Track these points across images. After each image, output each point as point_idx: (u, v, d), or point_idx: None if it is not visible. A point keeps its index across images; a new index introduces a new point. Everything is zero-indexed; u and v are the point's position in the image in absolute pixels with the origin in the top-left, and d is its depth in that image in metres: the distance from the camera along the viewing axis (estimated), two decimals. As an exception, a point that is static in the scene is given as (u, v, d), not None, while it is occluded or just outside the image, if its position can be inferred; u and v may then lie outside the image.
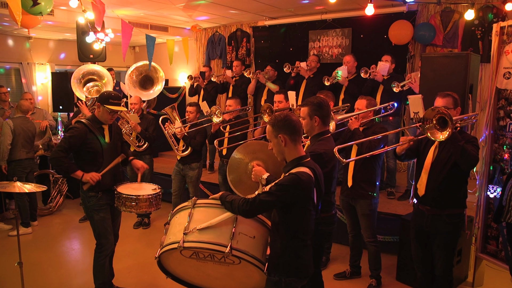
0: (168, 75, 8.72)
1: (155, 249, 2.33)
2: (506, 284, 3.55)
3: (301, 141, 2.20)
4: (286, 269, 2.11)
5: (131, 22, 6.72)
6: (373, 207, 3.49)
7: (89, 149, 3.14)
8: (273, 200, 2.02)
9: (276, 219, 2.13)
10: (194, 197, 2.35)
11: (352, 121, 3.43)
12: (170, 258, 2.27)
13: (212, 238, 2.07)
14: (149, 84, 5.93)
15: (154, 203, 3.25)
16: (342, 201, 3.68)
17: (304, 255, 2.14)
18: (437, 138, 2.49)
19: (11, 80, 8.26)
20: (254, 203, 2.02)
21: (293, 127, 2.13)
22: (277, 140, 2.14)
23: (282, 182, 2.04)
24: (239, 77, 6.27)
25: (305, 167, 2.09)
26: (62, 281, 3.86)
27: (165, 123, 4.74)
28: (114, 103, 3.19)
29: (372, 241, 3.56)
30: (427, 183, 2.87)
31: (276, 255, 2.13)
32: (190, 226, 2.12)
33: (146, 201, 3.19)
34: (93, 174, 3.11)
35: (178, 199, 5.05)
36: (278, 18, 7.02)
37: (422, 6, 5.65)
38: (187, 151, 4.72)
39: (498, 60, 3.42)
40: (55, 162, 3.11)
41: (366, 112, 3.46)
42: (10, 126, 4.92)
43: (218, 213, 2.15)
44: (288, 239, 2.11)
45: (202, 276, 2.35)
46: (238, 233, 2.10)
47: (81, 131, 3.11)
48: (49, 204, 5.82)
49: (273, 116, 2.19)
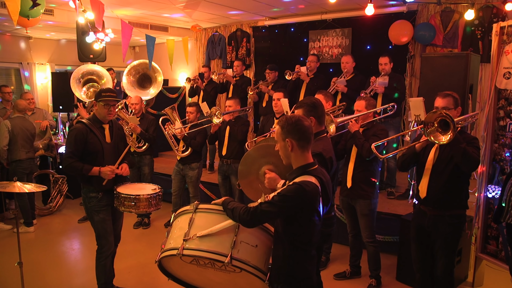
0: (168, 75, 8.73)
1: (155, 249, 2.34)
2: (506, 284, 3.54)
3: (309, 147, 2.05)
4: (288, 280, 2.03)
5: (131, 22, 6.73)
6: (372, 207, 3.49)
7: (90, 149, 3.13)
8: (275, 210, 1.92)
9: (279, 228, 2.04)
10: (196, 200, 2.30)
11: (352, 123, 3.42)
12: (171, 262, 2.24)
13: (212, 247, 2.01)
14: (147, 83, 5.93)
15: (153, 203, 3.23)
16: (342, 201, 3.68)
17: (307, 266, 2.05)
18: (440, 141, 2.47)
19: (11, 80, 8.26)
20: (255, 213, 1.93)
21: (303, 132, 1.99)
22: (284, 143, 2.02)
23: (285, 192, 1.92)
24: (240, 77, 6.26)
25: (312, 175, 1.97)
26: (62, 281, 3.87)
27: (165, 123, 4.74)
28: (107, 95, 3.16)
29: (371, 241, 3.56)
30: (428, 184, 2.86)
31: (278, 265, 2.05)
32: (191, 233, 2.07)
33: (145, 201, 3.17)
34: (109, 167, 3.12)
35: (178, 199, 5.06)
36: (278, 18, 7.03)
37: (422, 6, 5.66)
38: (187, 152, 4.72)
39: (498, 60, 3.42)
40: (69, 170, 3.12)
41: (366, 114, 3.45)
42: (7, 127, 4.91)
43: (220, 220, 2.08)
44: (291, 249, 2.01)
45: (204, 279, 2.32)
46: (240, 242, 2.03)
47: (81, 131, 3.11)
48: (49, 204, 5.82)
49: (284, 117, 2.06)
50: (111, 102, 3.19)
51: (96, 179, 3.15)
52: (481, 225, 3.54)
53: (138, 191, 3.22)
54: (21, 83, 8.14)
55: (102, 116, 3.21)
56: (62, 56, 8.66)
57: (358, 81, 5.11)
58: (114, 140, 3.30)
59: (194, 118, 4.80)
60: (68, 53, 8.55)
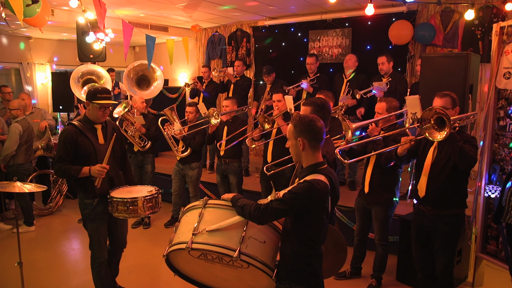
0: (168, 75, 8.73)
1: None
2: (506, 284, 3.54)
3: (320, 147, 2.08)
4: (295, 277, 2.04)
5: (131, 22, 6.72)
6: (389, 213, 3.44)
7: (82, 152, 2.98)
8: (286, 208, 1.94)
9: (288, 226, 2.06)
10: (195, 200, 2.29)
11: (372, 127, 3.26)
12: (178, 257, 2.25)
13: (221, 241, 2.03)
14: (145, 84, 5.94)
15: (149, 206, 3.01)
16: (358, 203, 3.62)
17: (314, 263, 2.07)
18: (435, 138, 2.49)
19: (11, 80, 8.26)
20: (266, 210, 1.95)
21: (315, 133, 2.02)
22: (296, 142, 2.05)
23: (297, 190, 1.95)
24: (240, 77, 6.26)
25: (322, 174, 2.00)
26: (62, 281, 3.87)
27: (165, 124, 4.73)
28: (103, 97, 3.00)
29: (382, 244, 3.53)
30: (427, 184, 2.87)
31: (286, 262, 2.07)
32: (200, 227, 2.09)
33: (141, 204, 2.96)
34: (99, 165, 2.94)
35: (178, 199, 5.06)
36: (278, 18, 7.02)
37: (422, 6, 5.65)
38: (187, 152, 4.73)
39: (498, 60, 3.42)
40: (60, 174, 3.01)
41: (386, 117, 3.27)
42: (19, 131, 4.82)
43: (229, 215, 2.11)
44: (299, 246, 2.03)
45: (210, 276, 2.33)
46: (248, 237, 2.05)
47: (71, 133, 2.96)
48: (49, 204, 5.82)
49: (297, 116, 2.08)
50: (107, 105, 3.05)
51: (90, 183, 2.99)
52: (481, 225, 3.54)
53: (134, 194, 3.02)
54: (21, 83, 8.14)
55: (95, 117, 3.05)
56: (62, 56, 8.67)
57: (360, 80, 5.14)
58: (108, 141, 3.11)
59: (194, 118, 4.80)
60: (68, 53, 8.55)
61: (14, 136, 4.80)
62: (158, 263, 3.53)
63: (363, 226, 3.65)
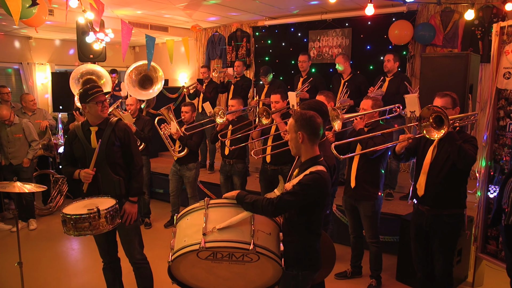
0: (168, 75, 8.72)
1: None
2: (506, 284, 3.53)
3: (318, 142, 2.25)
4: (303, 263, 2.21)
5: (131, 22, 6.73)
6: (375, 209, 3.48)
7: (75, 154, 2.98)
8: (298, 199, 2.09)
9: (294, 217, 2.20)
10: (194, 201, 2.30)
11: (357, 121, 3.41)
12: (183, 262, 2.22)
13: (234, 237, 2.09)
14: (148, 84, 5.93)
15: (109, 218, 2.70)
16: (345, 202, 3.66)
17: (317, 247, 2.25)
18: (433, 137, 2.51)
19: (11, 80, 8.26)
20: (280, 203, 2.08)
21: (315, 128, 2.18)
22: (296, 135, 2.19)
23: (305, 181, 2.09)
24: (240, 77, 6.26)
25: (321, 165, 2.17)
26: (62, 281, 3.87)
27: (161, 124, 4.72)
28: (94, 92, 2.87)
29: (374, 242, 3.55)
30: (426, 183, 2.87)
31: (294, 250, 2.19)
32: (208, 227, 2.11)
33: (103, 218, 2.65)
34: (85, 170, 2.87)
35: (177, 199, 5.05)
36: (278, 18, 7.02)
37: (422, 6, 5.65)
38: (184, 152, 4.71)
39: (498, 60, 3.42)
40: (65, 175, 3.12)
41: (372, 112, 3.43)
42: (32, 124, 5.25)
43: (234, 212, 2.17)
44: (306, 234, 2.20)
45: (211, 278, 2.33)
46: (257, 231, 2.14)
47: (69, 134, 3.02)
48: (49, 204, 5.82)
49: (299, 112, 2.23)
50: (101, 97, 2.90)
51: (82, 185, 2.95)
52: (481, 225, 3.54)
53: (92, 207, 2.69)
54: (21, 83, 8.14)
55: (96, 115, 2.92)
56: (62, 56, 8.66)
57: (357, 80, 5.12)
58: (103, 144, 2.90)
59: (190, 118, 4.78)
60: (68, 53, 8.55)
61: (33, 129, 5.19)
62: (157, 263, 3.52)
63: (355, 223, 3.67)
